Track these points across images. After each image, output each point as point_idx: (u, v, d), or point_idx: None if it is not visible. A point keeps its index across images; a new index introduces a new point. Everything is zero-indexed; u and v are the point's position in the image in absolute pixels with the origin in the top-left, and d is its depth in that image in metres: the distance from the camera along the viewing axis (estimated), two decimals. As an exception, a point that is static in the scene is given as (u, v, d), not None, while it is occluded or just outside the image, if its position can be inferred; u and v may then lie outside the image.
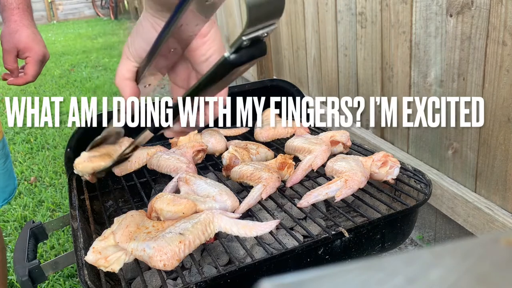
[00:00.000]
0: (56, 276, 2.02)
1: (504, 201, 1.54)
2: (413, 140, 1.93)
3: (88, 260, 1.00)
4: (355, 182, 1.20)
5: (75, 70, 6.03)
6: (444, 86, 1.68)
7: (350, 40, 2.22)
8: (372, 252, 1.20)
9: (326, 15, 2.39)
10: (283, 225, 1.13)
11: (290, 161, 1.37)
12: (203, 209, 1.14)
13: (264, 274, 1.02)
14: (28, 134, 3.79)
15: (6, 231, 2.39)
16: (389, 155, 1.32)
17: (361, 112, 2.27)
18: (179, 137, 1.41)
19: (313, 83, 2.72)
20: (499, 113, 1.47)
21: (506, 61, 1.40)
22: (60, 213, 2.53)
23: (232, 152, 1.45)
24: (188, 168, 1.39)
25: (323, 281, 0.24)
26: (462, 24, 1.53)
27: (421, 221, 2.01)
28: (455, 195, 1.68)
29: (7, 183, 1.40)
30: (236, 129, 1.84)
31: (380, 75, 2.04)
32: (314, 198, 1.20)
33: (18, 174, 3.02)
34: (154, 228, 1.05)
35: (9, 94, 5.07)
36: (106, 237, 1.05)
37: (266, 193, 1.21)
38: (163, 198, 1.13)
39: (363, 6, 2.05)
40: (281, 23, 2.98)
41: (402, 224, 1.22)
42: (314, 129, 1.76)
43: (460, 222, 1.69)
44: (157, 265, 0.96)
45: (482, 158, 1.59)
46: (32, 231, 1.25)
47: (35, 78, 1.25)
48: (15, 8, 1.23)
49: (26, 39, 1.22)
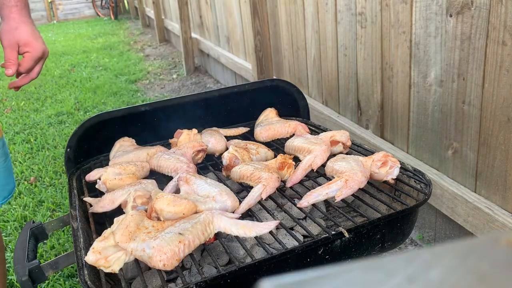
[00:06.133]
0: (56, 276, 2.02)
1: (504, 201, 1.54)
2: (413, 140, 1.93)
3: (88, 261, 1.00)
4: (355, 182, 1.20)
5: (75, 70, 6.03)
6: (444, 86, 1.68)
7: (350, 40, 2.22)
8: (372, 252, 1.20)
9: (326, 15, 2.39)
10: (283, 225, 1.12)
11: (290, 161, 1.37)
12: (203, 210, 1.14)
13: (264, 274, 1.02)
14: (28, 134, 3.79)
15: (6, 231, 2.39)
16: (389, 155, 1.32)
17: (361, 112, 2.27)
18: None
19: (313, 83, 2.72)
20: (499, 113, 1.47)
21: (506, 61, 1.40)
22: (60, 213, 2.53)
23: (232, 152, 1.45)
24: (188, 168, 1.40)
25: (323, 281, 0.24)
26: (462, 24, 1.53)
27: (421, 221, 2.01)
28: (455, 195, 1.68)
29: (7, 182, 1.40)
30: (236, 129, 1.84)
31: (380, 75, 2.04)
32: (314, 198, 1.20)
33: (18, 174, 3.03)
34: (154, 228, 1.05)
35: (9, 94, 5.07)
36: (106, 237, 1.05)
37: (266, 193, 1.21)
38: (163, 198, 1.13)
39: (363, 6, 2.05)
40: (281, 23, 2.98)
41: (402, 224, 1.22)
42: (314, 129, 1.75)
43: (460, 222, 1.69)
44: (157, 265, 0.96)
45: (482, 158, 1.59)
46: (32, 231, 1.26)
47: (29, 72, 1.25)
48: (14, 6, 1.24)
49: (26, 35, 1.23)
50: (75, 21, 12.21)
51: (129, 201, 1.22)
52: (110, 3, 11.61)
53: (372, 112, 2.17)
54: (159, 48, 7.19)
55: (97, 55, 6.97)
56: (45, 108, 4.48)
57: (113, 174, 1.37)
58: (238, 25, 3.82)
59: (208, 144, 1.61)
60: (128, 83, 5.26)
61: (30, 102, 4.72)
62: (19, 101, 4.75)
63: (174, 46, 7.04)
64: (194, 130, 1.66)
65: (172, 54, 6.64)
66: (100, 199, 1.31)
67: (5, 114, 4.39)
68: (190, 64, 5.34)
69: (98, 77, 5.56)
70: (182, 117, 1.76)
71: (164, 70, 5.75)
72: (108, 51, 7.22)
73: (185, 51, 5.26)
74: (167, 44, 7.32)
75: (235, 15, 3.84)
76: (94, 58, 6.73)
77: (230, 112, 1.88)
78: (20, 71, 1.24)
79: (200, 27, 5.15)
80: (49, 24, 12.02)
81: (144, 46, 7.52)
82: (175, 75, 5.46)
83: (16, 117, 4.26)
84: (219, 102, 1.84)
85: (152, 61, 6.37)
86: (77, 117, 4.13)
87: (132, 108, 1.71)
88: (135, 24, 10.37)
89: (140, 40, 8.16)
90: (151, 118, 1.74)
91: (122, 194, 1.26)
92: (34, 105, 4.58)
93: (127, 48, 7.48)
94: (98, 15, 12.67)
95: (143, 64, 6.18)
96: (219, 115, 1.86)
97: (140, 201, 1.22)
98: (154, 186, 1.31)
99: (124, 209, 1.23)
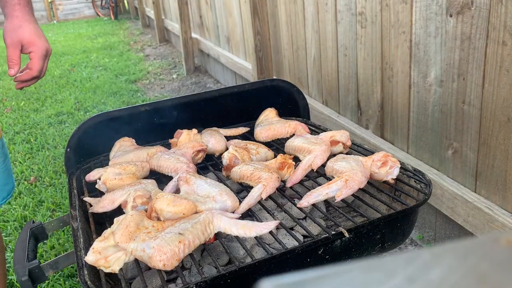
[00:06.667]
0: (56, 276, 2.02)
1: (504, 201, 1.54)
2: (413, 140, 1.93)
3: (88, 261, 1.00)
4: (356, 182, 1.20)
5: (75, 70, 6.03)
6: (444, 86, 1.68)
7: (350, 40, 2.22)
8: (372, 252, 1.20)
9: (326, 15, 2.39)
10: (283, 225, 1.12)
11: (290, 161, 1.37)
12: (203, 210, 1.14)
13: (264, 274, 1.02)
14: (28, 134, 3.79)
15: (6, 231, 2.39)
16: (389, 155, 1.32)
17: (361, 112, 2.27)
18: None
19: (313, 83, 2.72)
20: (499, 113, 1.47)
21: (506, 61, 1.40)
22: (60, 213, 2.53)
23: (232, 152, 1.45)
24: (188, 168, 1.39)
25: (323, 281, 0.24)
26: (462, 24, 1.53)
27: (421, 221, 2.01)
28: (455, 195, 1.68)
29: (6, 182, 1.40)
30: (236, 129, 1.84)
31: (380, 75, 2.04)
32: (315, 198, 1.20)
33: (18, 174, 3.02)
34: (154, 228, 1.05)
35: (9, 94, 5.07)
36: (106, 237, 1.04)
37: (266, 193, 1.21)
38: (163, 198, 1.13)
39: (363, 6, 2.05)
40: (281, 23, 2.98)
41: (402, 224, 1.22)
42: (314, 129, 1.75)
43: (460, 222, 1.69)
44: (157, 265, 0.96)
45: (482, 158, 1.59)
46: (32, 231, 1.25)
47: (40, 72, 1.25)
48: (17, 4, 1.24)
49: (29, 34, 1.23)
50: (75, 21, 12.21)
51: (129, 201, 1.22)
52: (110, 3, 11.61)
53: (372, 112, 2.17)
54: (159, 48, 7.19)
55: (97, 55, 6.97)
56: (45, 108, 4.48)
57: (113, 174, 1.37)
58: (238, 25, 3.82)
59: (208, 144, 1.61)
60: (128, 83, 5.26)
61: (30, 102, 4.72)
62: (19, 101, 4.75)
63: (174, 46, 7.04)
64: (194, 130, 1.66)
65: (172, 54, 6.64)
66: (100, 199, 1.31)
67: (5, 114, 4.39)
68: (190, 64, 5.34)
69: (98, 77, 5.56)
70: (182, 117, 1.76)
71: (164, 70, 5.75)
72: (108, 51, 7.22)
73: (185, 51, 5.26)
74: (167, 44, 7.32)
75: (235, 15, 3.84)
76: (94, 58, 6.73)
77: (230, 112, 1.88)
78: (33, 75, 1.24)
79: (200, 27, 5.15)
80: (49, 24, 12.02)
81: (144, 46, 7.52)
82: (175, 75, 5.46)
83: (16, 117, 4.26)
84: (219, 102, 1.84)
85: (152, 61, 6.37)
86: (77, 117, 4.13)
87: (132, 108, 1.71)
88: (135, 24, 10.37)
89: (140, 40, 8.16)
90: (151, 118, 1.74)
91: (122, 194, 1.26)
92: (34, 105, 4.58)
93: (127, 48, 7.48)
94: (98, 15, 12.67)
95: (143, 64, 6.18)
96: (219, 115, 1.86)
97: (140, 201, 1.22)
98: (154, 186, 1.31)
99: (124, 209, 1.23)
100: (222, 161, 1.48)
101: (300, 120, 1.87)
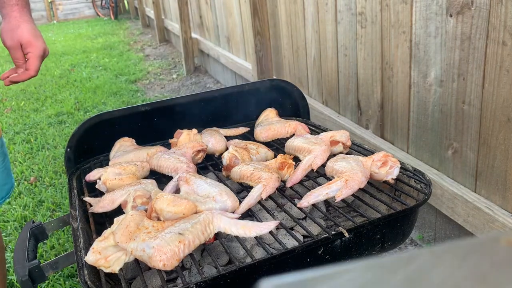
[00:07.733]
0: (56, 276, 2.02)
1: (504, 201, 1.54)
2: (413, 140, 1.93)
3: (88, 261, 1.00)
4: (356, 182, 1.20)
5: (75, 70, 6.03)
6: (444, 86, 1.68)
7: (350, 40, 2.22)
8: (372, 252, 1.20)
9: (326, 15, 2.39)
10: (283, 225, 1.12)
11: (290, 161, 1.37)
12: (203, 210, 1.14)
13: (264, 274, 1.02)
14: (28, 134, 3.79)
15: (6, 231, 2.39)
16: (389, 155, 1.32)
17: (361, 112, 2.27)
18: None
19: (313, 83, 2.72)
20: (499, 113, 1.47)
21: (506, 61, 1.40)
22: (60, 213, 2.53)
23: (232, 152, 1.45)
24: (188, 168, 1.40)
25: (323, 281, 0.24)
26: (462, 24, 1.53)
27: (421, 221, 2.01)
28: (455, 195, 1.68)
29: (5, 181, 1.41)
30: (236, 129, 1.84)
31: (380, 75, 2.04)
32: (315, 198, 1.20)
33: (18, 174, 3.02)
34: (154, 228, 1.05)
35: (9, 94, 5.07)
36: (106, 237, 1.05)
37: (266, 193, 1.21)
38: (163, 198, 1.13)
39: (363, 6, 2.05)
40: (281, 23, 2.98)
41: (402, 224, 1.22)
42: (314, 129, 1.75)
43: (460, 222, 1.69)
44: (157, 265, 0.96)
45: (482, 158, 1.59)
46: (32, 231, 1.25)
47: (37, 72, 1.26)
48: (15, 5, 1.24)
49: (27, 34, 1.23)
50: (75, 21, 12.21)
51: (129, 201, 1.22)
52: (110, 3, 11.61)
53: (372, 112, 2.17)
54: (159, 48, 7.19)
55: (97, 55, 6.97)
56: (45, 108, 4.48)
57: (113, 174, 1.37)
58: (238, 25, 3.82)
59: (208, 144, 1.61)
60: (128, 83, 5.26)
61: (30, 102, 4.72)
62: (19, 101, 4.75)
63: (174, 46, 7.04)
64: (194, 130, 1.66)
65: (172, 54, 6.64)
66: (100, 199, 1.31)
67: (5, 114, 4.39)
68: (190, 64, 5.34)
69: (98, 77, 5.56)
70: (182, 117, 1.76)
71: (164, 70, 5.75)
72: (108, 51, 7.22)
73: (185, 51, 5.26)
74: (167, 44, 7.32)
75: (235, 15, 3.84)
76: (94, 58, 6.73)
77: (230, 112, 1.88)
78: (31, 75, 1.25)
79: (200, 27, 5.15)
80: (49, 24, 12.02)
81: (144, 46, 7.52)
82: (175, 75, 5.46)
83: (16, 117, 4.26)
84: (219, 102, 1.84)
85: (152, 61, 6.37)
86: (77, 117, 4.13)
87: (132, 108, 1.71)
88: (135, 24, 10.37)
89: (140, 40, 8.16)
90: (151, 118, 1.74)
91: (122, 194, 1.26)
92: (34, 105, 4.58)
93: (127, 48, 7.48)
94: (98, 15, 12.67)
95: (143, 64, 6.18)
96: (219, 115, 1.86)
97: (140, 201, 1.22)
98: (154, 186, 1.31)
99: (124, 209, 1.23)
100: (222, 161, 1.48)
101: (300, 120, 1.87)
